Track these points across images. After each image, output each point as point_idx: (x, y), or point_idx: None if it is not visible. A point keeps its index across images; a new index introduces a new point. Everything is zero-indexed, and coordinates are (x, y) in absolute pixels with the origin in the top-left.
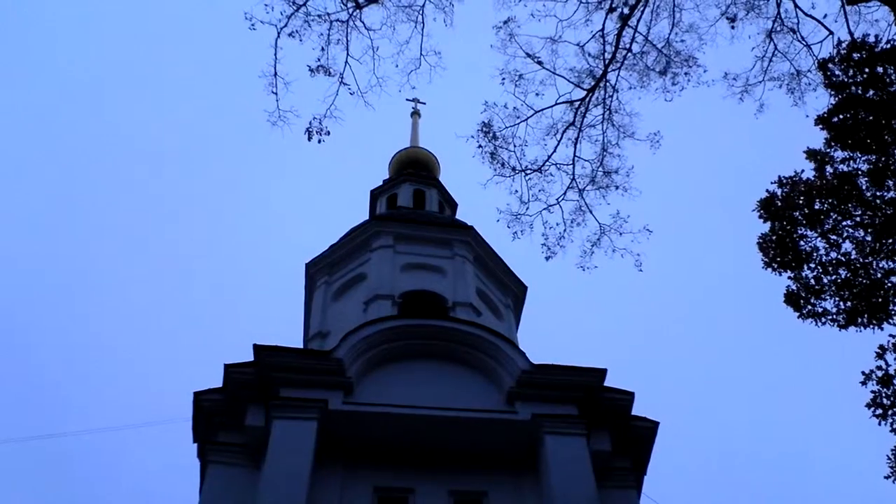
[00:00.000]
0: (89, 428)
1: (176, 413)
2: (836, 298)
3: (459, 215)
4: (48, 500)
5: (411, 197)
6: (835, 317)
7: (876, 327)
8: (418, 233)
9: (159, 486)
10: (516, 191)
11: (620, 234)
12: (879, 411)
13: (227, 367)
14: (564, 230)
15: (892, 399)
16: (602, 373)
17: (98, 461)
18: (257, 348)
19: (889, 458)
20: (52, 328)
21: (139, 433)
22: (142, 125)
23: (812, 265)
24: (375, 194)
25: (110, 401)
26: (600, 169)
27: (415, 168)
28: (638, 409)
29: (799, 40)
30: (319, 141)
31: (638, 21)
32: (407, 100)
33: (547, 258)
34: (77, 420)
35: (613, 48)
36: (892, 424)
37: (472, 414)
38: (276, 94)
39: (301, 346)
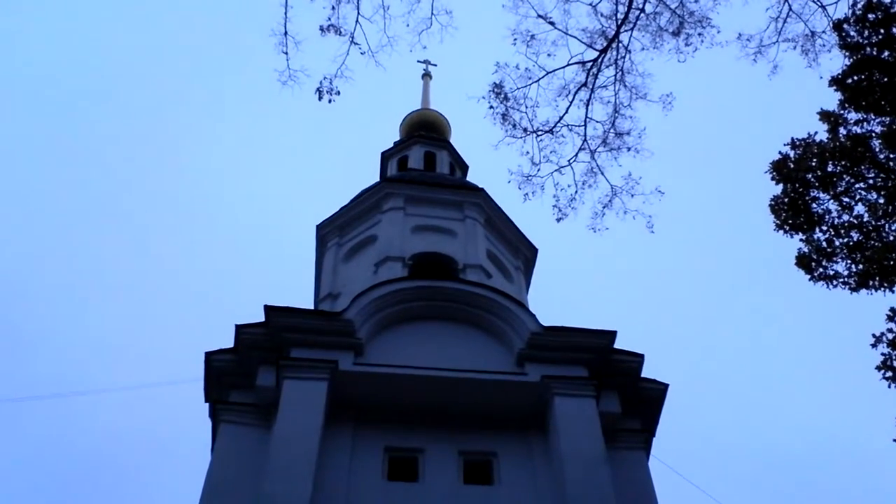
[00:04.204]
0: (104, 387)
1: (187, 374)
2: (848, 261)
3: (470, 177)
4: (62, 459)
5: (422, 159)
6: (846, 279)
7: (887, 290)
8: (429, 195)
9: (170, 446)
10: (527, 152)
11: (632, 195)
12: (889, 374)
13: (238, 327)
14: (576, 192)
15: None
16: (612, 335)
17: (113, 420)
18: (268, 309)
19: None
20: (66, 291)
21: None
22: (153, 84)
23: (824, 227)
24: (386, 156)
25: (124, 362)
26: (612, 130)
27: (426, 130)
28: (648, 372)
29: (814, 1)
30: (330, 101)
31: None
32: (418, 61)
33: (558, 220)
34: (90, 380)
35: (626, 8)
36: None
37: (482, 375)
38: (286, 53)
39: (312, 307)
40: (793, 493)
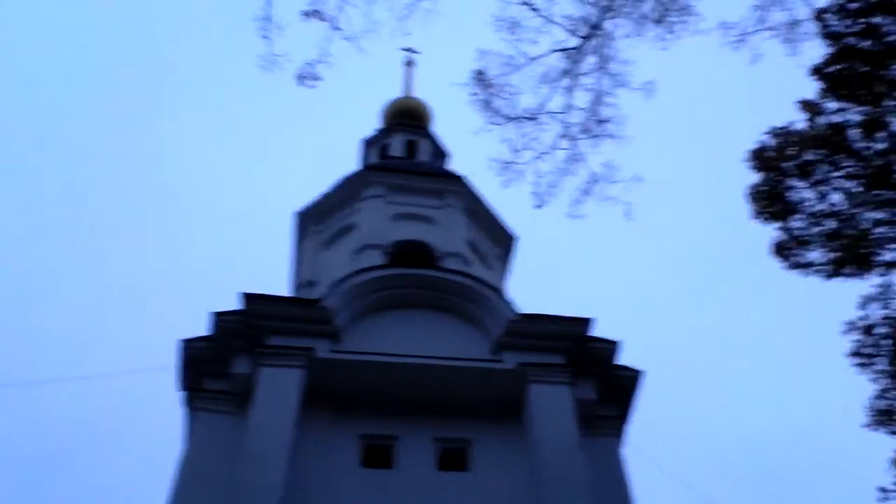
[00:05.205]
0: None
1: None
2: (823, 249)
3: (451, 165)
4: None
5: (403, 147)
6: (821, 267)
7: (860, 278)
8: (410, 183)
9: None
10: (509, 139)
11: (611, 182)
12: (860, 360)
13: (214, 315)
14: (556, 179)
15: (872, 348)
16: (588, 322)
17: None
18: (245, 296)
19: (867, 407)
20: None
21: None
22: (130, 68)
23: (800, 216)
24: (367, 144)
25: (95, 349)
26: (593, 117)
27: (407, 118)
28: (624, 359)
29: None
30: (311, 87)
31: None
32: (400, 49)
33: (537, 207)
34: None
35: None
36: (871, 373)
37: (459, 363)
38: (268, 38)
39: (289, 294)
40: (765, 478)
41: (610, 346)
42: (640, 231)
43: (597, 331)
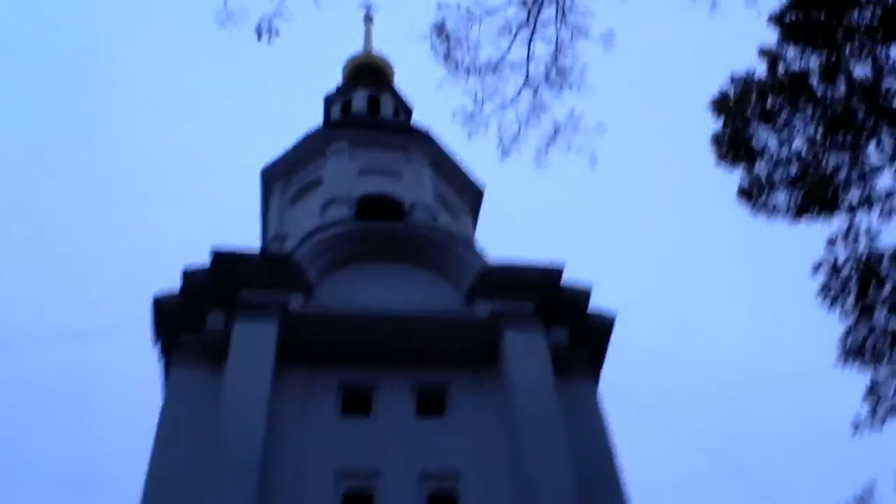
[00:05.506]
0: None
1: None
2: (788, 192)
3: (414, 119)
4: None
5: (366, 102)
6: (786, 211)
7: (825, 221)
8: (373, 138)
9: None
10: (471, 91)
11: (575, 132)
12: (828, 299)
13: (185, 272)
14: (519, 130)
15: (839, 287)
16: (558, 269)
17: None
18: (216, 253)
19: (838, 345)
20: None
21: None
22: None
23: (764, 161)
24: (329, 100)
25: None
26: (554, 68)
27: (368, 74)
28: (597, 305)
29: None
30: (269, 41)
31: None
32: (359, 6)
33: (502, 158)
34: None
35: None
36: (840, 311)
37: (431, 314)
38: None
39: (259, 250)
40: (736, 419)
41: (582, 292)
42: (608, 180)
43: (568, 278)
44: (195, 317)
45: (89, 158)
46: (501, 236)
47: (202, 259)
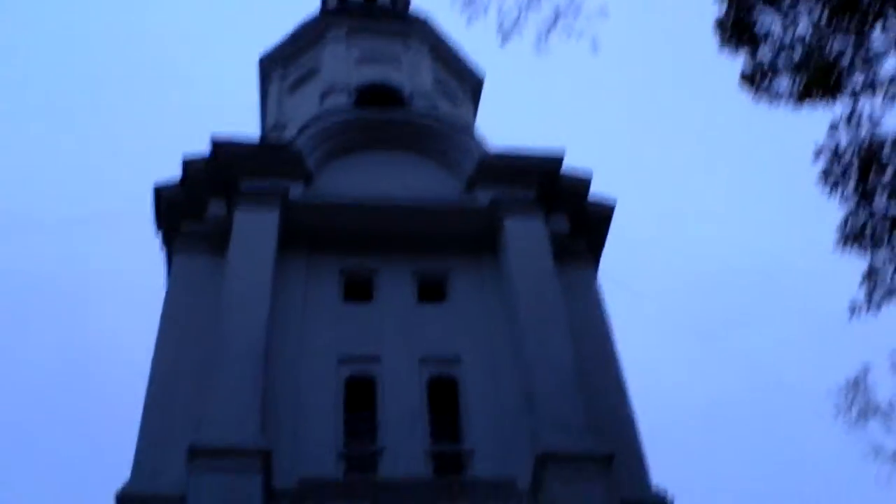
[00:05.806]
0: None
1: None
2: (791, 77)
3: (413, 5)
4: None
5: None
6: (789, 97)
7: (828, 106)
8: (371, 25)
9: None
10: None
11: (576, 17)
12: (828, 184)
13: (185, 160)
14: (519, 14)
15: (840, 172)
16: (559, 157)
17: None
18: (215, 141)
19: (837, 229)
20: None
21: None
22: None
23: (768, 46)
24: None
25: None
26: None
27: None
28: (597, 192)
29: None
30: None
31: None
32: None
33: (502, 44)
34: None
35: None
36: (840, 196)
37: (432, 201)
38: None
39: (259, 139)
40: (734, 305)
41: (582, 180)
42: (609, 67)
43: (568, 166)
44: (196, 205)
45: (87, 46)
46: (502, 124)
47: (203, 149)
